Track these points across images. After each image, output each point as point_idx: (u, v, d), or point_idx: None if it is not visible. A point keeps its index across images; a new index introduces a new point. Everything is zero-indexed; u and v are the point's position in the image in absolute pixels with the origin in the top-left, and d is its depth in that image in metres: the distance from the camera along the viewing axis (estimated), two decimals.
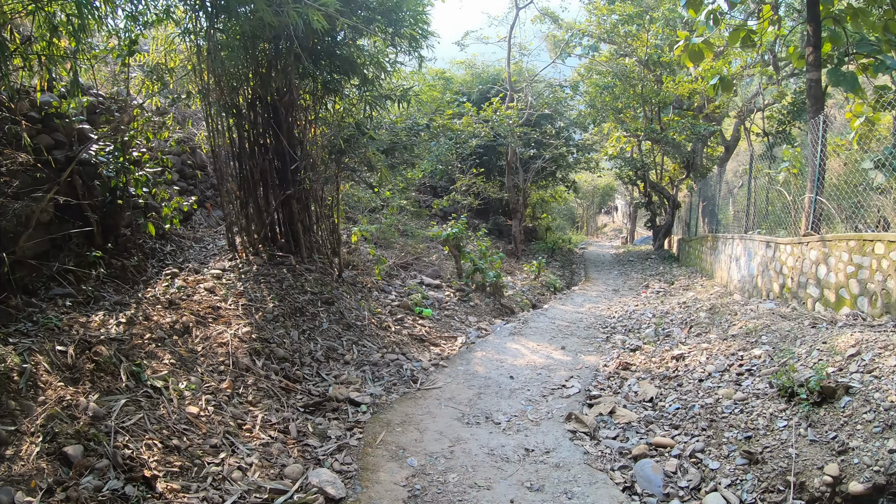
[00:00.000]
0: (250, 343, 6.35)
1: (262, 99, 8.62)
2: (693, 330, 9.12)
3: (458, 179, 19.78)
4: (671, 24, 20.26)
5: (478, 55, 25.76)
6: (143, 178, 7.37)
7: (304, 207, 9.18)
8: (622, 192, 43.96)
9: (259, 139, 8.69)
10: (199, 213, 10.78)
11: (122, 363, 4.97)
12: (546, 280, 15.67)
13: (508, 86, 20.11)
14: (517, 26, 20.35)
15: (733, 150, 22.42)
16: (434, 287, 11.27)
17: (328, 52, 8.34)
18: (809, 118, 11.18)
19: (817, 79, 10.82)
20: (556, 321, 10.71)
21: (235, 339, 6.31)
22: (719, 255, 14.87)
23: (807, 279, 9.15)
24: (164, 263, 8.27)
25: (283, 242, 9.04)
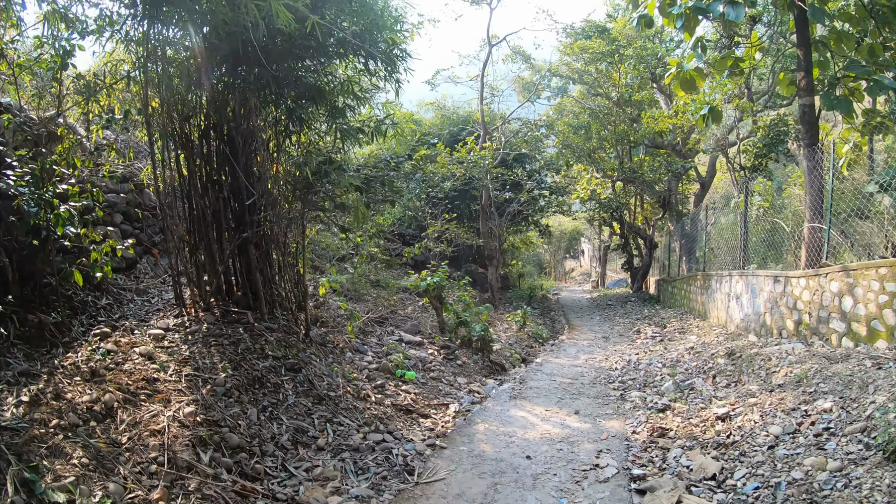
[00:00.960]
0: (194, 428, 4.88)
1: (216, 128, 7.41)
2: (718, 380, 7.91)
3: (430, 225, 18.62)
4: (644, 61, 19.84)
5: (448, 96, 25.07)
6: (65, 214, 5.89)
7: (264, 255, 7.82)
8: (589, 235, 43.57)
9: (213, 174, 7.40)
10: (146, 261, 9.33)
11: (11, 466, 3.49)
12: (531, 330, 14.41)
13: (482, 126, 19.24)
14: (489, 65, 19.64)
15: (709, 186, 21.91)
16: (415, 345, 9.89)
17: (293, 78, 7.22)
18: (805, 145, 10.55)
19: (811, 104, 10.28)
20: (556, 378, 9.39)
21: (175, 424, 4.84)
22: (713, 294, 13.87)
23: (828, 313, 8.27)
24: (97, 320, 6.85)
25: (239, 296, 7.64)
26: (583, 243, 49.68)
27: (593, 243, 42.48)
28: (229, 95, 7.27)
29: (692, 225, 21.25)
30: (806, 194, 10.62)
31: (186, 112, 7.24)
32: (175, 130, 7.12)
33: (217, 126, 7.44)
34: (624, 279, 34.77)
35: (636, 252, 26.28)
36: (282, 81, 7.28)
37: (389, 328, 10.77)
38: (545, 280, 36.00)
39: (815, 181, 10.42)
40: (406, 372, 8.33)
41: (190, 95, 7.23)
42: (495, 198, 19.72)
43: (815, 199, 10.42)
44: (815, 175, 10.38)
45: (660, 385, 8.36)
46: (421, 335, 10.54)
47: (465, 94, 22.98)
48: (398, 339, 10.10)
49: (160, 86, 6.81)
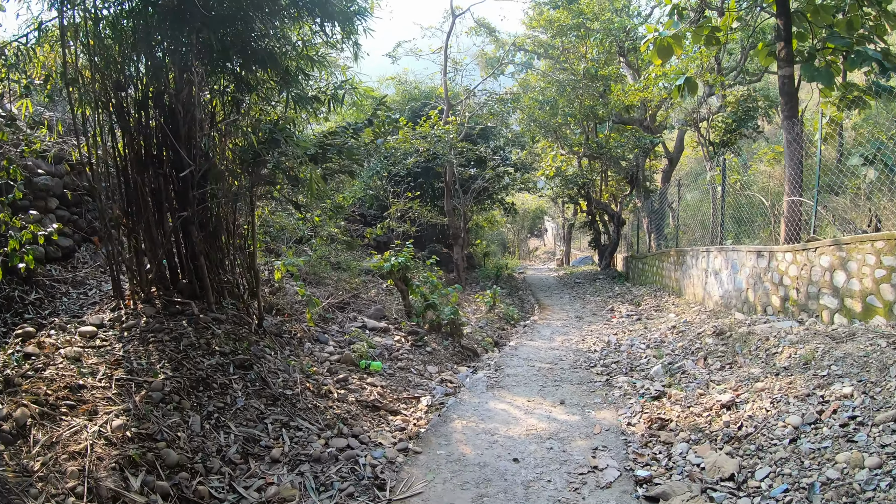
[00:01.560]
0: (124, 446, 4.03)
1: (156, 98, 6.47)
2: (710, 362, 7.33)
3: (393, 204, 17.74)
4: (611, 34, 19.19)
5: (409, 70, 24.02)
6: None
7: (210, 237, 6.89)
8: (552, 213, 43.20)
9: (152, 149, 6.44)
10: (85, 249, 8.32)
11: None
12: (502, 311, 13.73)
13: (445, 100, 18.32)
14: (452, 37, 18.68)
15: (677, 161, 21.50)
16: (380, 331, 9.07)
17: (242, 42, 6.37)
18: (784, 117, 10.12)
19: (790, 75, 9.89)
20: (534, 363, 8.71)
21: (100, 442, 3.98)
22: (689, 271, 13.40)
23: (819, 289, 7.87)
24: (23, 318, 6.00)
25: (184, 284, 6.71)
26: (546, 222, 49.29)
27: (557, 221, 42.14)
28: (170, 61, 6.33)
29: (660, 201, 20.86)
30: (786, 167, 10.26)
31: (122, 80, 6.27)
32: (109, 100, 6.15)
33: (157, 96, 6.52)
34: (589, 257, 34.49)
35: (603, 229, 25.85)
36: (229, 46, 6.46)
37: (352, 314, 9.93)
38: (510, 259, 35.48)
39: (796, 154, 10.05)
40: (371, 362, 7.53)
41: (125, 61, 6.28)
42: (460, 175, 18.91)
43: (794, 172, 10.03)
44: (796, 148, 10.01)
45: (647, 368, 7.74)
46: (386, 320, 9.73)
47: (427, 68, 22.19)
48: (361, 325, 9.28)
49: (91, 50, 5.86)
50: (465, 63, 21.42)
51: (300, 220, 12.38)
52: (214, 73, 6.87)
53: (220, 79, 6.99)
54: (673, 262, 14.90)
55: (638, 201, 21.75)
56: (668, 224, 21.00)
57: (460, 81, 21.21)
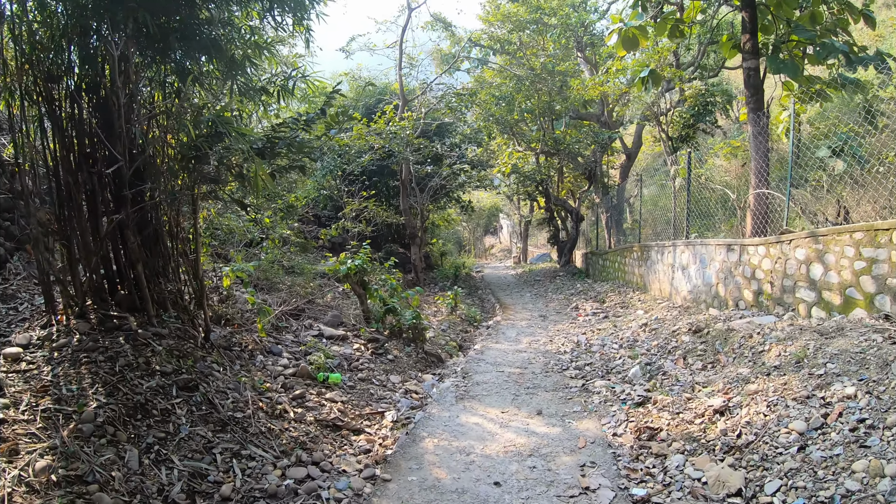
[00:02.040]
0: (48, 493, 3.36)
1: (90, 90, 5.79)
2: (690, 362, 6.95)
3: (347, 204, 17.02)
4: (569, 29, 18.93)
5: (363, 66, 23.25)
6: None
7: (150, 242, 6.15)
8: (507, 211, 43.03)
9: (85, 146, 5.68)
10: (18, 259, 7.42)
11: None
12: (464, 312, 13.20)
13: (400, 95, 17.67)
14: (408, 31, 18.05)
15: (635, 156, 21.39)
16: (338, 339, 8.42)
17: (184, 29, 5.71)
18: (750, 110, 9.93)
19: (756, 67, 9.80)
20: (503, 368, 8.21)
21: (20, 490, 3.32)
22: (653, 266, 13.16)
23: (794, 282, 7.72)
24: None
25: (123, 296, 5.97)
26: (501, 219, 49.11)
27: (512, 219, 41.94)
28: (105, 49, 5.60)
29: (619, 197, 20.72)
30: (752, 160, 10.15)
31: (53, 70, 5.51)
32: (40, 93, 5.38)
33: (91, 87, 5.82)
34: (546, 254, 34.35)
35: (562, 226, 25.63)
36: (170, 32, 5.80)
37: (307, 321, 9.25)
38: (466, 258, 35.06)
39: (762, 147, 10.00)
40: (330, 374, 6.89)
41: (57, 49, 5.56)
42: (416, 172, 18.33)
43: (760, 165, 9.96)
44: (762, 140, 9.97)
45: (625, 370, 7.32)
46: (344, 327, 9.08)
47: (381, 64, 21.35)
48: (318, 333, 8.62)
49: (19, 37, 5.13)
50: (421, 59, 20.85)
51: (250, 221, 11.61)
52: (154, 62, 6.20)
53: (161, 68, 6.31)
54: (636, 257, 14.66)
55: (596, 197, 21.59)
56: (627, 219, 20.91)
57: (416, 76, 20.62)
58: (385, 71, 23.27)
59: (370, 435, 5.52)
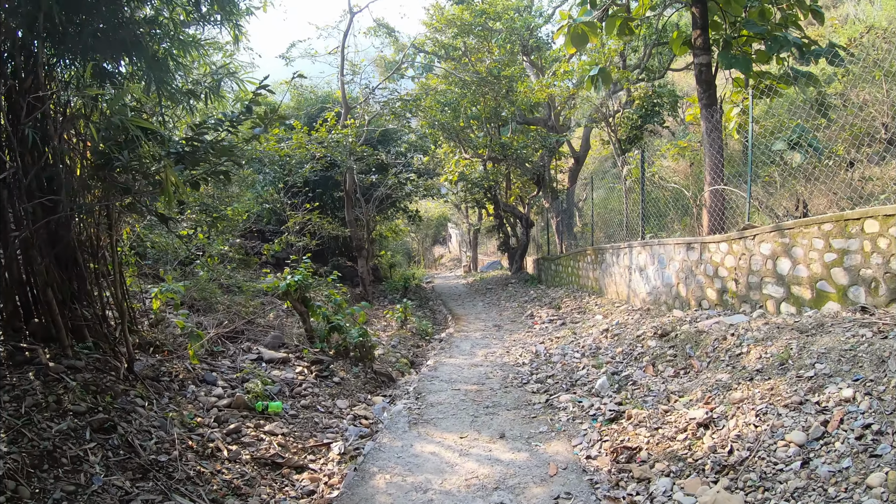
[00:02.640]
0: None
1: None
2: (661, 369, 6.45)
3: (291, 217, 16.12)
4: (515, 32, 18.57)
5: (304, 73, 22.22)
6: None
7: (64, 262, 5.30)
8: (456, 220, 42.58)
9: None
10: None
11: None
12: (415, 326, 12.49)
13: (342, 102, 16.86)
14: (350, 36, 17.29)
15: (583, 160, 21.16)
16: (279, 363, 7.61)
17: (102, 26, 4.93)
18: (703, 106, 9.69)
19: (707, 63, 9.64)
20: (459, 385, 7.55)
21: None
22: (609, 269, 12.77)
23: (761, 278, 7.47)
24: None
25: (37, 324, 5.12)
26: (450, 228, 48.59)
27: (461, 228, 41.47)
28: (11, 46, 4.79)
29: (569, 201, 20.48)
30: (706, 157, 9.94)
31: None
32: None
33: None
34: (497, 261, 33.96)
35: (511, 232, 25.22)
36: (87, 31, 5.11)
37: (246, 344, 8.41)
38: (416, 269, 34.34)
39: (716, 143, 9.79)
40: (269, 403, 6.10)
41: None
42: (360, 182, 17.56)
43: (715, 161, 9.86)
44: (715, 137, 9.71)
45: (590, 382, 6.76)
46: (286, 349, 8.27)
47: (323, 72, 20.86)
48: (257, 357, 7.79)
49: None
50: (364, 66, 20.05)
51: (183, 238, 10.67)
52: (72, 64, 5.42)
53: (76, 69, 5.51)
54: (590, 260, 14.28)
55: (546, 202, 21.26)
56: (577, 223, 20.67)
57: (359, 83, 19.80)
58: (327, 79, 22.50)
59: (314, 472, 4.78)
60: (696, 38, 9.57)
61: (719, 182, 9.97)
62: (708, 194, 9.95)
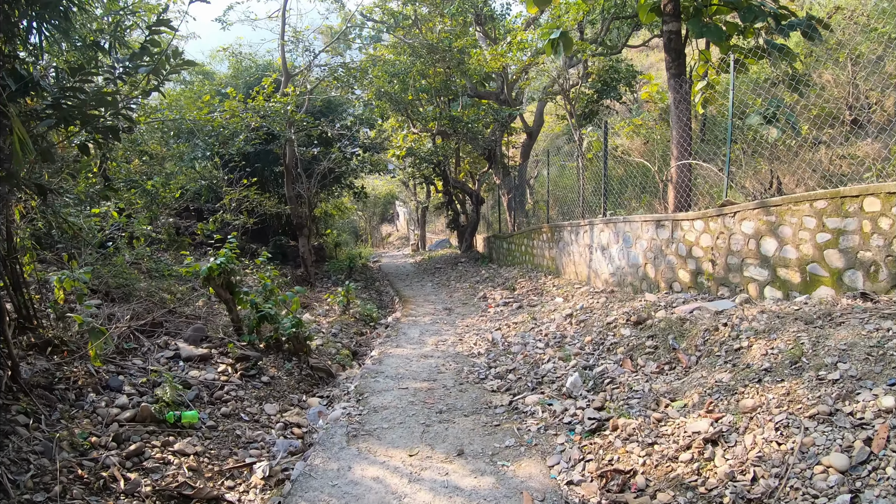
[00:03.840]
0: None
1: None
2: (641, 363, 5.64)
3: (227, 194, 14.73)
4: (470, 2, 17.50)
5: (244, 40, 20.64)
6: None
7: None
8: (403, 198, 41.44)
9: None
10: None
11: None
12: (359, 310, 11.43)
13: (283, 69, 15.40)
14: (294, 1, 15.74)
15: (536, 135, 20.32)
16: (198, 360, 6.47)
17: None
18: (671, 76, 9.14)
19: (677, 30, 9.14)
20: (407, 382, 6.58)
21: None
22: (567, 248, 12.00)
23: (741, 259, 6.82)
24: None
25: None
26: (397, 206, 47.39)
27: (409, 206, 40.34)
28: None
29: (520, 177, 19.63)
30: (672, 129, 9.30)
31: None
32: None
33: None
34: (446, 240, 33.08)
35: (461, 209, 24.28)
36: None
37: (164, 338, 7.21)
38: (363, 248, 33.14)
39: (683, 115, 9.10)
40: (183, 413, 5.01)
41: None
42: (301, 155, 16.23)
43: (682, 134, 9.10)
44: (683, 108, 9.04)
45: (559, 379, 5.89)
46: (209, 343, 7.11)
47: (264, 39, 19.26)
48: (174, 354, 6.63)
49: None
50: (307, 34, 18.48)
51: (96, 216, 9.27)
52: None
53: None
54: (546, 238, 13.48)
55: (497, 178, 20.39)
56: (528, 201, 19.91)
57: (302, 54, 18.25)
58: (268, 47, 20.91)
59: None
60: (665, 5, 9.01)
61: (687, 156, 9.34)
62: (675, 169, 9.32)
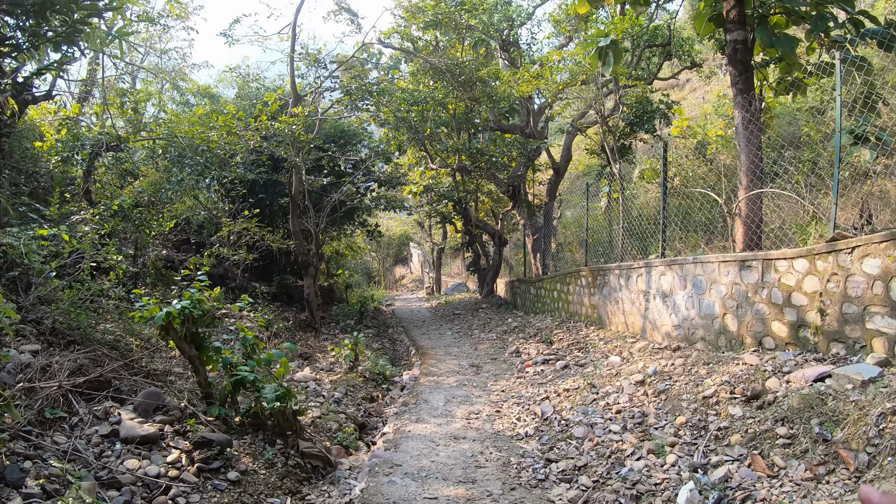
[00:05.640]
0: None
1: None
2: (781, 463, 3.79)
3: (225, 226, 13.18)
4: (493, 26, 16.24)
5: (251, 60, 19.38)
6: None
7: None
8: (418, 239, 39.97)
9: None
10: None
11: None
12: (368, 367, 9.60)
13: (291, 88, 13.90)
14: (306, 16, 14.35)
15: (564, 171, 18.70)
16: (144, 443, 4.69)
17: None
18: (737, 92, 8.05)
19: (743, 39, 8.06)
20: (435, 487, 4.69)
21: None
22: (614, 294, 10.19)
23: (863, 307, 5.24)
24: None
25: None
26: (412, 247, 45.89)
27: (424, 247, 38.84)
28: None
29: (546, 216, 17.97)
30: (741, 154, 8.08)
31: None
32: None
33: None
34: (463, 283, 31.35)
35: (482, 251, 22.53)
36: None
37: (107, 404, 5.47)
38: (375, 290, 31.43)
39: (754, 138, 7.92)
40: None
41: None
42: (310, 185, 14.66)
43: (752, 159, 7.88)
44: (753, 129, 7.88)
45: (661, 489, 4.02)
46: (165, 413, 5.31)
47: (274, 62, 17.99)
48: (112, 430, 4.87)
49: None
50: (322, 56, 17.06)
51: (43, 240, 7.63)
52: None
53: None
54: (585, 283, 11.68)
55: (521, 218, 18.75)
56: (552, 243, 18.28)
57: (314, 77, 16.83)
58: (280, 73, 19.54)
59: None
60: (728, 11, 7.97)
61: (758, 185, 7.86)
62: (744, 201, 7.70)
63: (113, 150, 11.01)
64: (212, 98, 19.54)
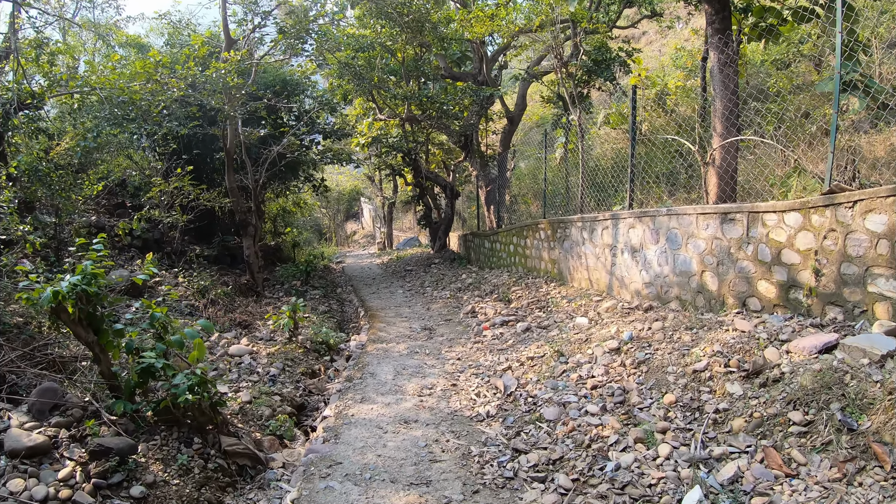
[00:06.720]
0: None
1: None
2: (801, 458, 3.15)
3: (155, 185, 11.91)
4: None
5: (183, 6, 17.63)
6: None
7: None
8: (369, 194, 38.77)
9: None
10: None
11: None
12: (310, 335, 8.69)
13: (224, 32, 12.36)
14: None
15: (518, 121, 17.81)
16: (29, 454, 3.77)
17: None
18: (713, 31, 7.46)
19: None
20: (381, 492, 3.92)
21: None
22: (576, 248, 9.52)
23: (864, 268, 4.72)
24: None
25: None
26: (362, 203, 44.66)
27: (375, 202, 37.70)
28: None
29: (501, 167, 17.16)
30: (714, 99, 7.53)
31: None
32: None
33: None
34: (415, 237, 30.52)
35: (434, 204, 21.63)
36: None
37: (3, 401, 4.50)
38: (326, 247, 30.30)
39: (730, 81, 7.42)
40: None
41: None
42: (246, 138, 13.38)
43: (728, 105, 7.36)
44: (729, 73, 7.41)
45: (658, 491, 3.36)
46: (62, 413, 4.35)
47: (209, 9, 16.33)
48: None
49: None
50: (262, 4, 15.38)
51: None
52: None
53: None
54: (544, 237, 10.98)
55: (474, 169, 17.89)
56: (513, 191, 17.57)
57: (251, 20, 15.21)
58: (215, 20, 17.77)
59: None
60: None
61: (735, 132, 7.30)
62: (718, 152, 7.10)
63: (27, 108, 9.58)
64: (140, 48, 17.78)
